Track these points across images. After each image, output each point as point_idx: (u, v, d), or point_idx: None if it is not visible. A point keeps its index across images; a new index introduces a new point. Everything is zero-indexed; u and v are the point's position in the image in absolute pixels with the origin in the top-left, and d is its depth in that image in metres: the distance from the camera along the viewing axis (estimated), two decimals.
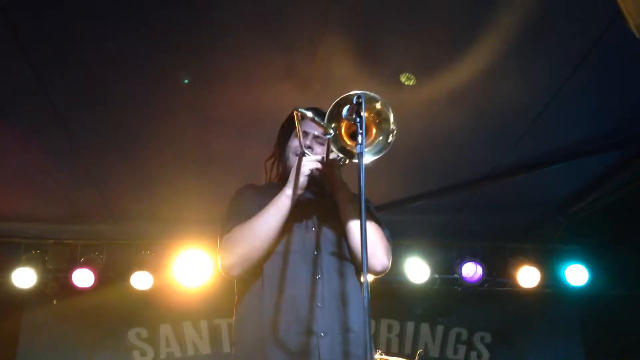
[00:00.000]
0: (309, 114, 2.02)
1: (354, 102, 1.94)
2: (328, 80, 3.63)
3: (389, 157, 2.09)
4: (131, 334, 6.59)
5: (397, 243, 6.09)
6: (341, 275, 2.22)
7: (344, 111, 1.99)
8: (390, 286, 6.31)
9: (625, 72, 3.67)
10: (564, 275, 6.05)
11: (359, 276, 2.27)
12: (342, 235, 2.27)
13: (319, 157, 2.24)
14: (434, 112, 4.03)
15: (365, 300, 1.76)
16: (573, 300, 6.66)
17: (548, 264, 6.10)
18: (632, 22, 2.75)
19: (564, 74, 3.64)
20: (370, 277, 2.26)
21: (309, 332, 2.09)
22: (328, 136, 2.07)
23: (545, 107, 3.96)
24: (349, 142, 2.08)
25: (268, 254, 2.21)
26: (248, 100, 3.85)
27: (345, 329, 2.13)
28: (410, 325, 7.05)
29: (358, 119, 1.92)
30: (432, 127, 4.19)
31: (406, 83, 3.65)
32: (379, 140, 2.05)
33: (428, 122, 4.13)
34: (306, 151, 2.25)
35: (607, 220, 5.51)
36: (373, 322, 7.00)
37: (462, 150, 4.53)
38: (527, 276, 6.04)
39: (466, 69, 3.57)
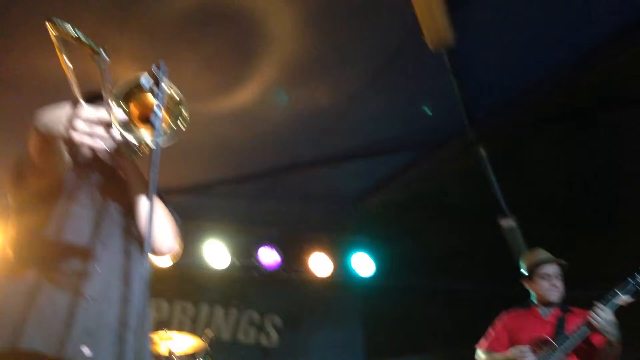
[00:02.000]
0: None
1: (146, 83, 1.78)
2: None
3: (192, 139, 2.06)
4: None
5: (196, 226, 6.05)
6: (125, 249, 2.17)
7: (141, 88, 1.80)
8: (186, 269, 6.25)
9: (421, 80, 4.04)
10: (353, 265, 6.47)
11: (142, 254, 2.22)
12: (131, 214, 2.21)
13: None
14: (241, 103, 4.09)
15: (144, 273, 1.72)
16: (358, 289, 7.16)
17: (339, 253, 6.49)
18: (427, 35, 3.03)
19: (364, 78, 3.91)
20: (160, 260, 2.27)
21: (78, 293, 2.00)
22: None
23: (347, 108, 4.22)
24: (140, 127, 1.84)
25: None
26: None
27: (121, 300, 2.08)
28: (204, 308, 7.06)
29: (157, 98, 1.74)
30: (238, 115, 4.24)
31: None
32: (170, 125, 1.87)
33: (234, 109, 4.17)
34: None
35: (395, 216, 6.00)
36: (166, 304, 6.88)
37: (266, 140, 4.63)
38: (320, 265, 6.37)
39: (271, 71, 3.70)
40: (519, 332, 3.62)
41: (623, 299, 3.23)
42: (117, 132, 1.77)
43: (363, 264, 6.46)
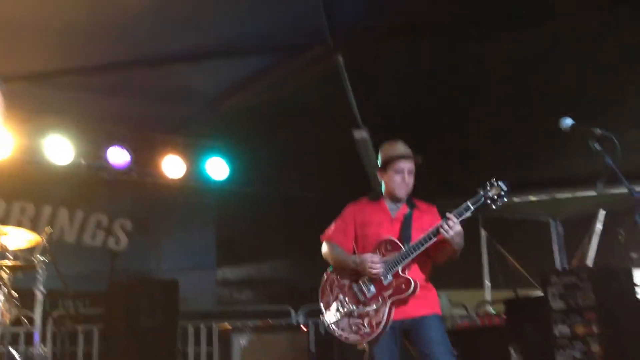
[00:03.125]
0: None
1: None
2: None
3: (33, 18, 1.83)
4: None
5: (37, 119, 5.60)
6: None
7: None
8: (26, 166, 5.83)
9: None
10: (207, 169, 6.39)
11: None
12: None
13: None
14: None
15: None
16: (212, 193, 7.14)
17: (193, 156, 6.36)
18: None
19: None
20: None
21: None
22: None
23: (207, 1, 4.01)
24: None
25: None
26: None
27: None
28: (46, 209, 6.70)
29: None
30: None
31: None
32: None
33: None
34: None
35: (251, 120, 5.95)
36: (3, 203, 6.43)
37: (118, 29, 4.31)
38: (173, 167, 6.21)
39: None
40: (366, 227, 3.57)
41: (472, 210, 3.27)
42: None
43: (217, 168, 6.40)
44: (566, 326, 5.19)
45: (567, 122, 2.91)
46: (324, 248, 3.65)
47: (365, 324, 3.37)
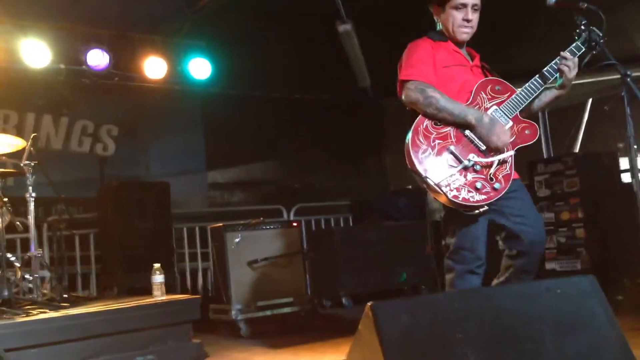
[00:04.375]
0: None
1: None
2: None
3: None
4: None
5: (11, 24, 5.40)
6: None
7: None
8: (7, 75, 5.68)
9: None
10: (189, 70, 6.26)
11: None
12: None
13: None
14: None
15: None
16: (196, 95, 7.05)
17: (174, 57, 6.21)
18: None
19: None
20: None
21: None
22: None
23: None
24: None
25: None
26: None
27: None
28: (30, 117, 6.61)
29: None
30: None
31: None
32: None
33: None
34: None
35: (233, 19, 5.78)
36: None
37: None
38: (154, 68, 6.08)
39: None
40: (450, 69, 2.89)
41: (583, 49, 2.78)
42: None
43: (200, 69, 6.26)
44: (551, 213, 5.30)
45: None
46: (416, 91, 2.77)
47: (490, 178, 2.69)
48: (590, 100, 7.14)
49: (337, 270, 5.92)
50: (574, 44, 2.79)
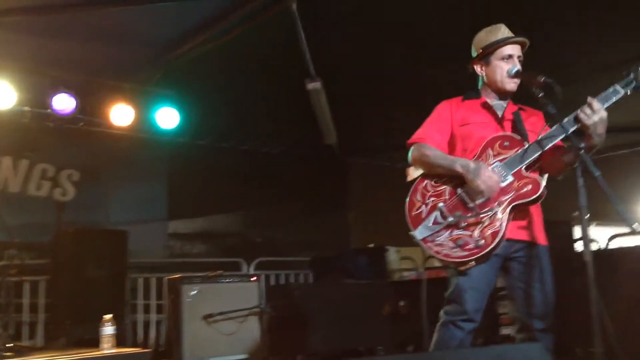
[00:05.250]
0: None
1: None
2: None
3: None
4: None
5: None
6: None
7: None
8: None
9: None
10: (156, 119, 6.26)
11: None
12: None
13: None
14: None
15: None
16: (163, 144, 7.03)
17: (143, 105, 6.21)
18: None
19: None
20: None
21: None
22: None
23: None
24: None
25: None
26: None
27: None
28: None
29: None
30: None
31: None
32: None
33: None
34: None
35: (205, 70, 5.83)
36: None
37: None
38: (121, 115, 6.05)
39: None
40: (468, 127, 2.95)
41: (622, 93, 2.69)
42: None
43: (168, 118, 6.27)
44: None
45: (511, 68, 2.93)
46: (415, 152, 2.96)
47: (476, 235, 2.68)
48: None
49: (295, 327, 5.83)
50: (609, 89, 2.71)
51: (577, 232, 5.66)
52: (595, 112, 2.63)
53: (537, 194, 2.73)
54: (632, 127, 7.43)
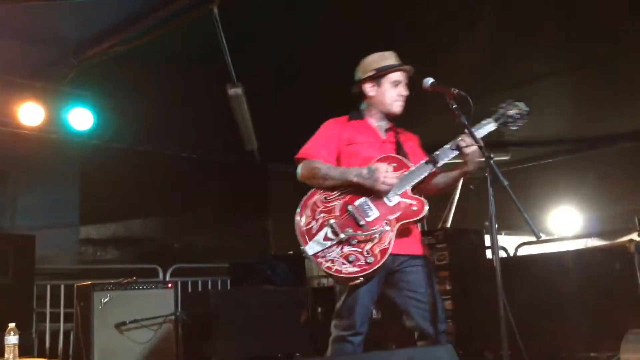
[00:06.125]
0: None
1: None
2: None
3: None
4: None
5: None
6: None
7: None
8: None
9: None
10: (69, 119, 6.01)
11: None
12: None
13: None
14: None
15: None
16: (75, 146, 6.74)
17: (54, 105, 5.93)
18: None
19: None
20: None
21: None
22: None
23: None
24: None
25: None
26: None
27: None
28: None
29: None
30: None
31: None
32: None
33: None
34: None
35: (122, 72, 5.67)
36: None
37: None
38: (30, 115, 5.76)
39: None
40: (354, 146, 3.08)
41: (494, 124, 2.96)
42: None
43: (82, 119, 6.02)
44: None
45: (428, 80, 3.04)
46: (304, 168, 3.05)
47: (366, 252, 2.79)
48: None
49: (211, 335, 5.74)
50: (483, 120, 2.98)
51: (487, 240, 5.92)
52: (475, 142, 2.84)
53: (423, 214, 2.89)
54: (538, 141, 7.86)
